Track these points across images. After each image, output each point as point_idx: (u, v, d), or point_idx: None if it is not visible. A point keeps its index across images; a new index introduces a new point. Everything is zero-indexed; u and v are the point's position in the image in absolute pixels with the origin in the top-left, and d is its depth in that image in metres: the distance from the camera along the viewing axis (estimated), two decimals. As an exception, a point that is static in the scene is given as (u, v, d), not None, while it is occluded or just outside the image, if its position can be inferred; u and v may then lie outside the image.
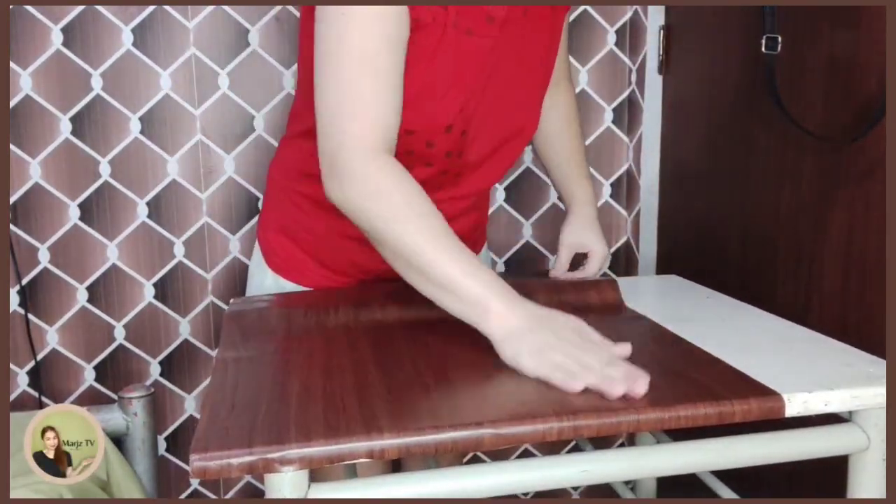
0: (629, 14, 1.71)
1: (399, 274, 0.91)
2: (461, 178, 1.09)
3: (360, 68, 0.89)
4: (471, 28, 0.96)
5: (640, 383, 0.75)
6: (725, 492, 1.07)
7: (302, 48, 1.05)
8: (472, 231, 1.21)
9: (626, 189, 1.79)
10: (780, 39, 1.18)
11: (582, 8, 1.69)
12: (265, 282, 1.20)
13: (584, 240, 1.19)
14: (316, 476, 0.71)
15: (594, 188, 1.24)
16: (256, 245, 1.23)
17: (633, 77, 1.72)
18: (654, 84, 1.65)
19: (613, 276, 1.81)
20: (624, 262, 1.82)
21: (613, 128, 1.76)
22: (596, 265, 1.18)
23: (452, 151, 1.04)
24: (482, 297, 0.85)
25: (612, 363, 0.79)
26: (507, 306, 0.85)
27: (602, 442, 1.69)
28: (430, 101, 0.97)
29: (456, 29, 0.95)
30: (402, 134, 0.96)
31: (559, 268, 1.20)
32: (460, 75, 0.98)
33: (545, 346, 0.81)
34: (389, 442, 0.68)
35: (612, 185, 1.79)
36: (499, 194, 1.75)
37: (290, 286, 1.19)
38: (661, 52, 1.62)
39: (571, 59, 1.71)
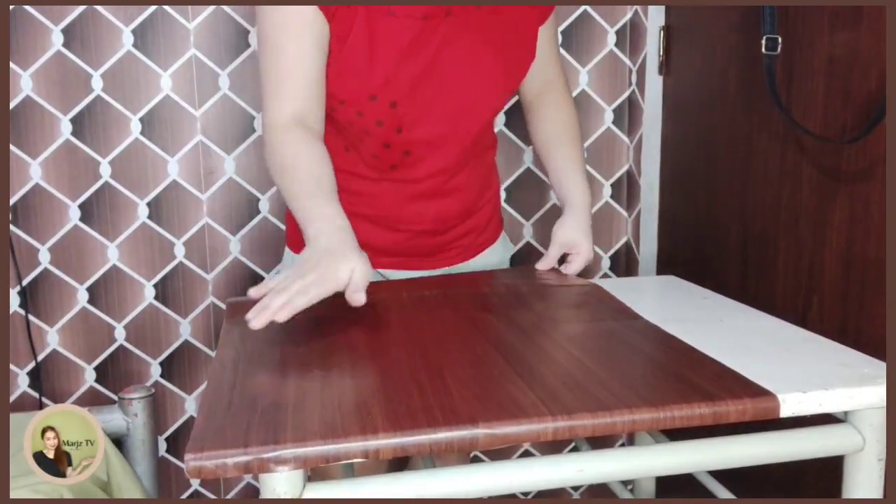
0: (629, 14, 1.71)
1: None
2: (413, 157, 1.19)
3: (268, 56, 1.09)
4: (393, 10, 1.08)
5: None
6: (724, 493, 1.07)
7: None
8: (464, 212, 1.29)
9: (626, 189, 1.79)
10: (779, 40, 1.18)
11: (582, 8, 1.69)
12: (284, 258, 1.34)
13: (573, 239, 1.23)
14: (314, 476, 0.71)
15: (591, 191, 1.28)
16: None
17: (634, 77, 1.72)
18: (655, 84, 1.64)
19: (596, 281, 1.81)
20: (624, 262, 1.82)
21: (614, 128, 1.76)
22: (580, 264, 1.23)
23: (384, 121, 1.14)
24: (312, 230, 1.01)
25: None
26: (317, 231, 1.00)
27: (601, 445, 1.69)
28: (352, 74, 1.10)
29: (369, 11, 1.08)
30: (337, 105, 1.13)
31: (547, 262, 1.25)
32: (379, 52, 1.09)
33: (300, 267, 0.95)
34: (384, 442, 0.67)
35: (612, 185, 1.79)
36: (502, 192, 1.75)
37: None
38: (661, 53, 1.62)
39: (572, 59, 1.71)
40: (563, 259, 1.27)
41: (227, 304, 1.12)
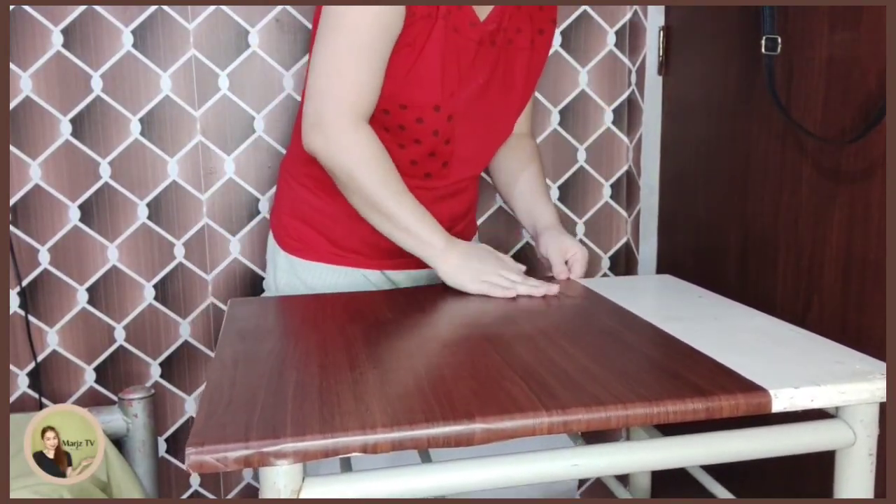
0: (629, 15, 1.71)
1: (364, 216, 1.17)
2: (449, 168, 1.27)
3: (351, 44, 1.09)
4: (457, 26, 1.16)
5: (552, 287, 1.16)
6: (721, 491, 1.07)
7: (313, 44, 1.17)
8: (467, 211, 1.39)
9: (625, 190, 1.79)
10: (779, 40, 1.18)
11: (582, 8, 1.69)
12: (278, 262, 1.32)
13: (566, 245, 1.29)
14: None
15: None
16: (270, 235, 1.37)
17: (633, 78, 1.72)
18: (654, 85, 1.65)
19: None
20: (624, 262, 1.82)
21: (613, 128, 1.76)
22: (582, 265, 1.29)
23: (439, 131, 1.20)
24: (432, 239, 1.15)
25: (526, 278, 1.18)
26: (446, 245, 1.15)
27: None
28: (422, 80, 1.15)
29: (444, 23, 1.14)
30: (397, 108, 1.17)
31: (561, 270, 1.29)
32: (447, 64, 1.15)
33: (479, 272, 1.15)
34: (382, 436, 0.68)
35: (611, 185, 1.79)
36: (498, 196, 1.74)
37: (302, 264, 1.28)
38: (660, 53, 1.62)
39: (572, 59, 1.71)
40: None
41: (230, 303, 1.13)
